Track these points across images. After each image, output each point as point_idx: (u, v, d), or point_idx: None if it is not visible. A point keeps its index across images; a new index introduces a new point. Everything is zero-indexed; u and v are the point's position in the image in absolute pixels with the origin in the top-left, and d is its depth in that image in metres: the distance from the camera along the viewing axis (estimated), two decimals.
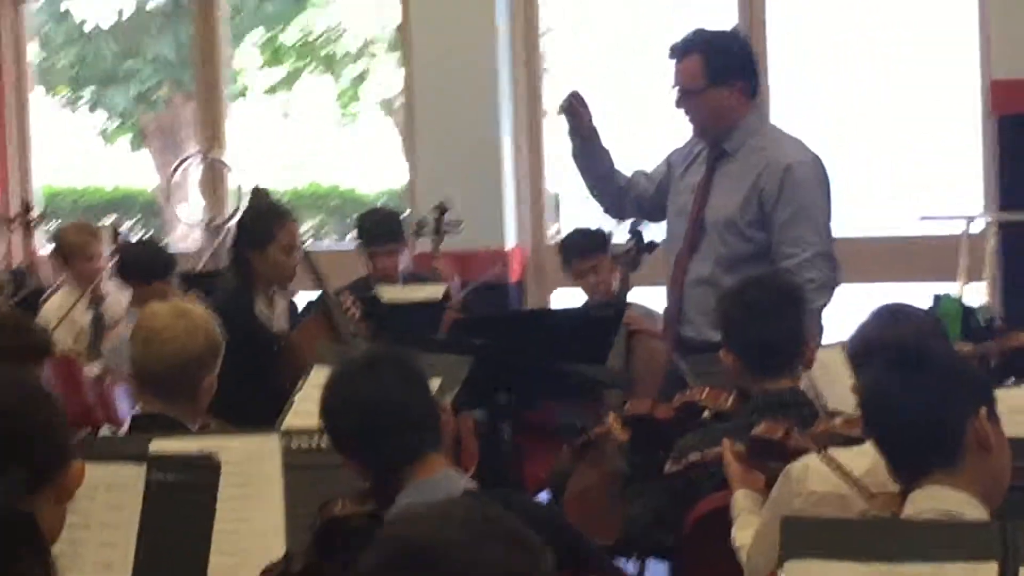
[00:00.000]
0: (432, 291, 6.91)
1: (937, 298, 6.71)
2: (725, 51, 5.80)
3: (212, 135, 9.35)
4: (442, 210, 7.74)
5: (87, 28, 11.72)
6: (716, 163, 5.74)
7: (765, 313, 4.49)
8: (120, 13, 11.54)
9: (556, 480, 6.01)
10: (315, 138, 13.84)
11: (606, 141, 5.95)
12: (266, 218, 6.41)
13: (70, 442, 2.73)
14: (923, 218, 8.24)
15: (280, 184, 9.76)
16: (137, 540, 3.35)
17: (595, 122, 5.91)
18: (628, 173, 6.00)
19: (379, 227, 7.33)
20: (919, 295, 7.54)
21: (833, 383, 4.82)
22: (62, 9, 11.22)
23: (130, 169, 14.15)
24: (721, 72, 5.67)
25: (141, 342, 4.42)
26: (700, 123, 5.74)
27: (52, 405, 2.75)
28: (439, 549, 2.01)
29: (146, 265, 6.85)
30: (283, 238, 6.32)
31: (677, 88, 5.72)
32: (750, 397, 4.52)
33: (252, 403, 5.10)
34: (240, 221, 6.60)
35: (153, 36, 12.74)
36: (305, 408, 5.16)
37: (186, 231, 11.77)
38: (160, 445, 3.76)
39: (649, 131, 5.99)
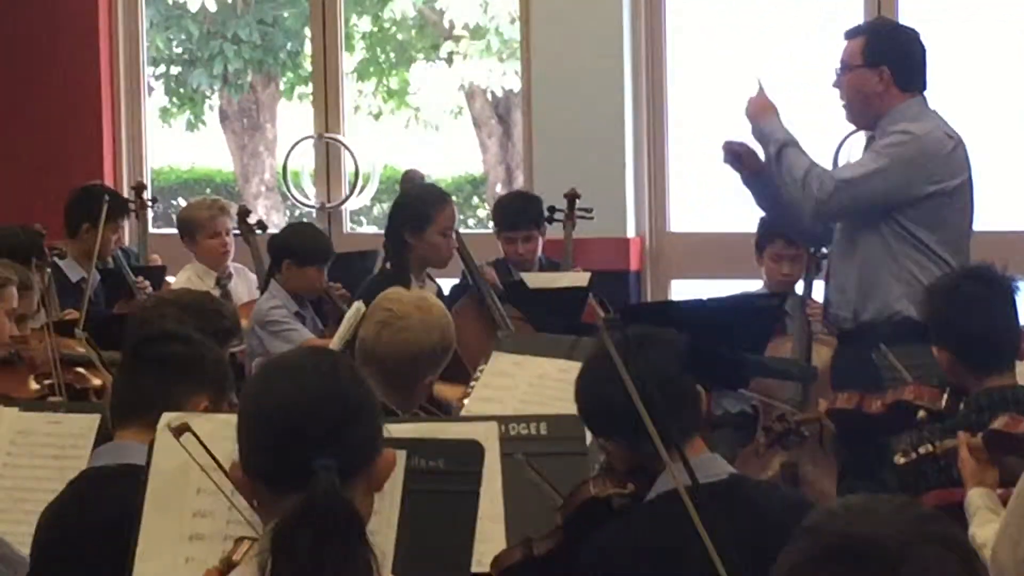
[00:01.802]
0: (576, 278, 6.82)
1: None
2: (887, 37, 5.77)
3: (327, 117, 9.26)
4: (573, 197, 7.63)
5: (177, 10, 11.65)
6: (865, 150, 5.76)
7: (983, 306, 4.39)
8: None
9: None
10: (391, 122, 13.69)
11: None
12: (425, 200, 6.39)
13: (382, 429, 2.66)
14: None
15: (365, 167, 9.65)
16: (399, 527, 3.25)
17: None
18: None
19: (519, 212, 7.26)
20: None
21: None
22: None
23: (201, 150, 14.02)
24: (875, 55, 5.63)
25: (377, 324, 4.36)
26: (846, 102, 5.71)
27: (367, 391, 2.68)
28: (874, 545, 1.91)
29: (308, 249, 6.70)
30: (441, 221, 6.31)
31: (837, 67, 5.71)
32: (967, 395, 4.41)
33: None
34: (397, 203, 6.57)
35: (238, 18, 12.62)
36: (485, 395, 5.08)
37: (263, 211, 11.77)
38: None
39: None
